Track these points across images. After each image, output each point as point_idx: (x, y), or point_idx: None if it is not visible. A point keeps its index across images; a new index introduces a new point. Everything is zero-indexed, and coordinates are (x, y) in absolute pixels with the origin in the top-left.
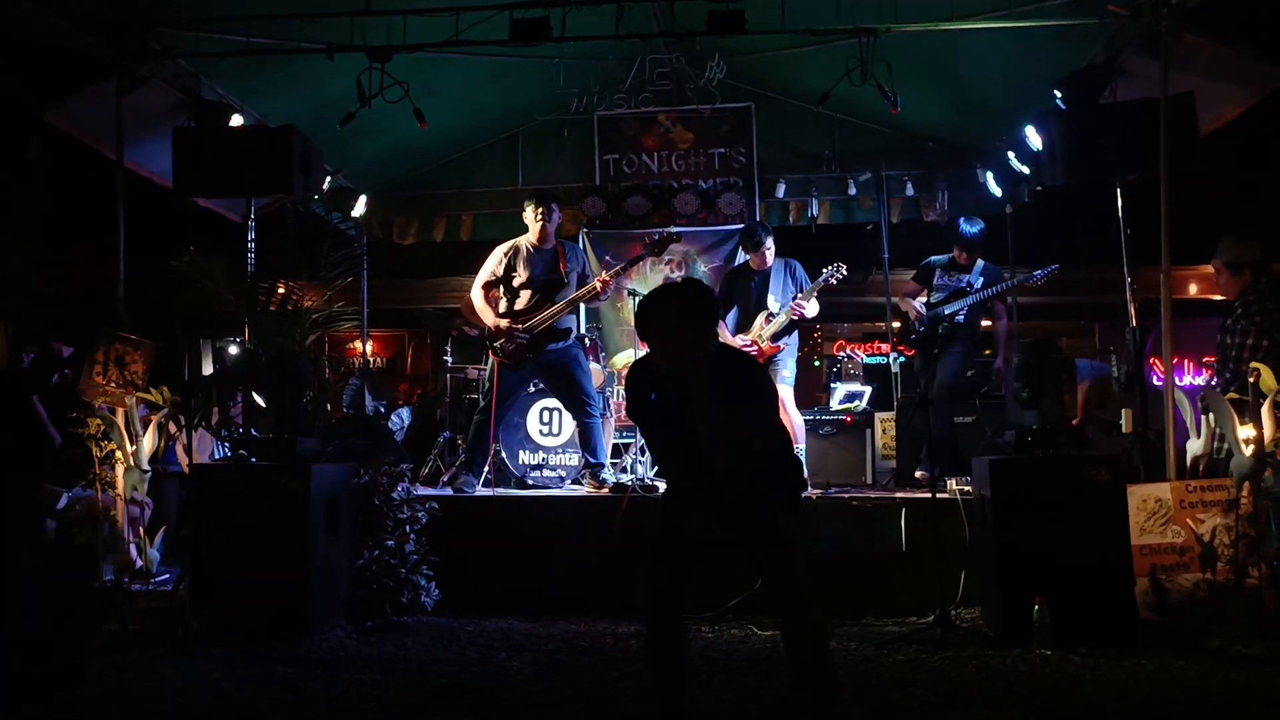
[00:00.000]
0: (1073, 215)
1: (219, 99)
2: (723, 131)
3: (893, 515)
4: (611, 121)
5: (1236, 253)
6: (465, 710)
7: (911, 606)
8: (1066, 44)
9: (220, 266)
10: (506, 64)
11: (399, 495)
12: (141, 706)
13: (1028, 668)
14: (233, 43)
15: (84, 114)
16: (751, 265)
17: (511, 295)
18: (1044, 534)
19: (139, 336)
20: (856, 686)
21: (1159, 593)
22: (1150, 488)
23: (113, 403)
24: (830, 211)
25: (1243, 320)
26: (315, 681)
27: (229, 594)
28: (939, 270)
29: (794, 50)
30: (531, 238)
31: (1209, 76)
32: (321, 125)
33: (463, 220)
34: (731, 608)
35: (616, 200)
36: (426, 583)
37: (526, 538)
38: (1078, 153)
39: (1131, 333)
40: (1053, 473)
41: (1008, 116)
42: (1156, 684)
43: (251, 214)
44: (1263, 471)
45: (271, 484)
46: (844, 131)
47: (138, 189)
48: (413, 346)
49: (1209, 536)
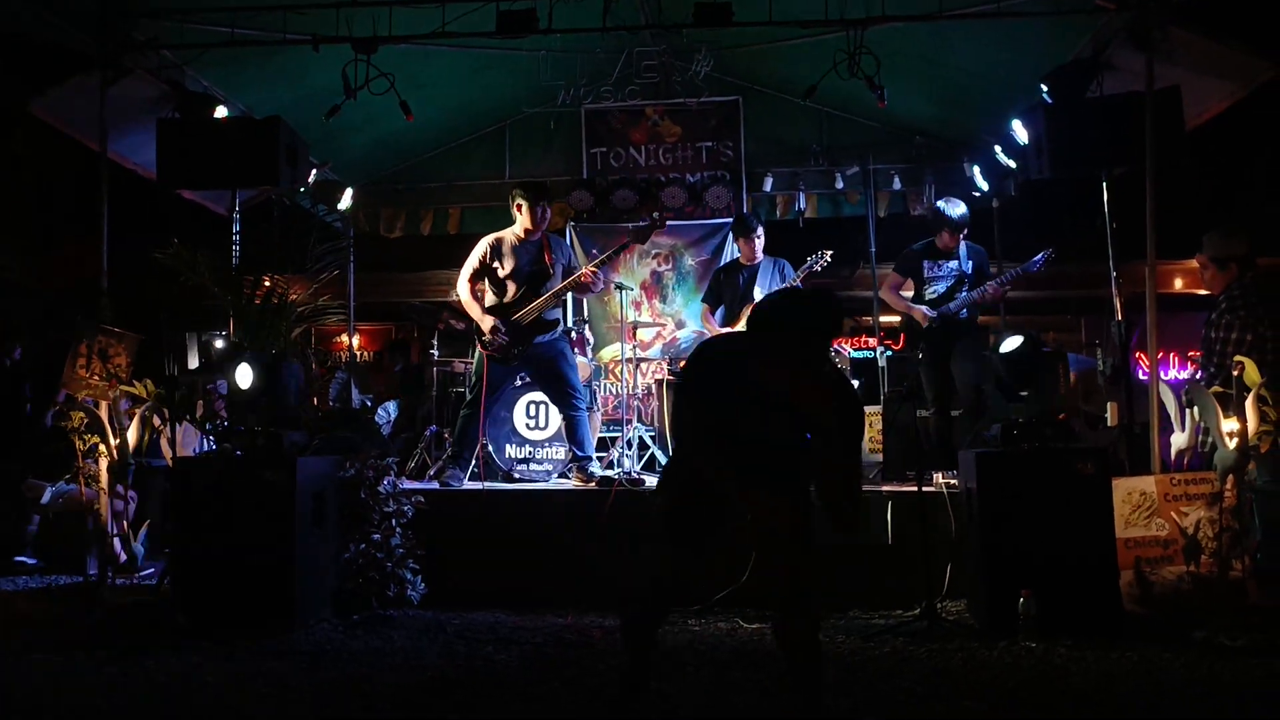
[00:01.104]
0: (1059, 209)
1: (204, 90)
2: (710, 125)
3: (879, 508)
4: (599, 115)
5: (1222, 247)
6: (452, 703)
7: (898, 599)
8: (1053, 38)
9: (205, 259)
10: (493, 56)
11: (385, 489)
12: (126, 700)
13: (1013, 659)
14: (217, 34)
15: (67, 105)
16: (742, 259)
17: (497, 288)
18: (1030, 527)
19: (122, 329)
20: (843, 678)
21: (1144, 585)
22: (1135, 481)
23: (96, 396)
24: (818, 205)
25: (1228, 314)
26: (301, 675)
27: (214, 587)
28: (926, 260)
29: (781, 43)
30: (518, 230)
31: (1195, 71)
32: (307, 117)
33: (450, 213)
34: (718, 601)
35: (604, 194)
36: (413, 576)
37: (513, 531)
38: (1064, 147)
39: (1117, 327)
40: (1039, 466)
41: (994, 111)
42: (1141, 675)
43: (237, 206)
44: (1246, 465)
45: (256, 477)
46: (832, 125)
47: (121, 181)
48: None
49: (1193, 529)
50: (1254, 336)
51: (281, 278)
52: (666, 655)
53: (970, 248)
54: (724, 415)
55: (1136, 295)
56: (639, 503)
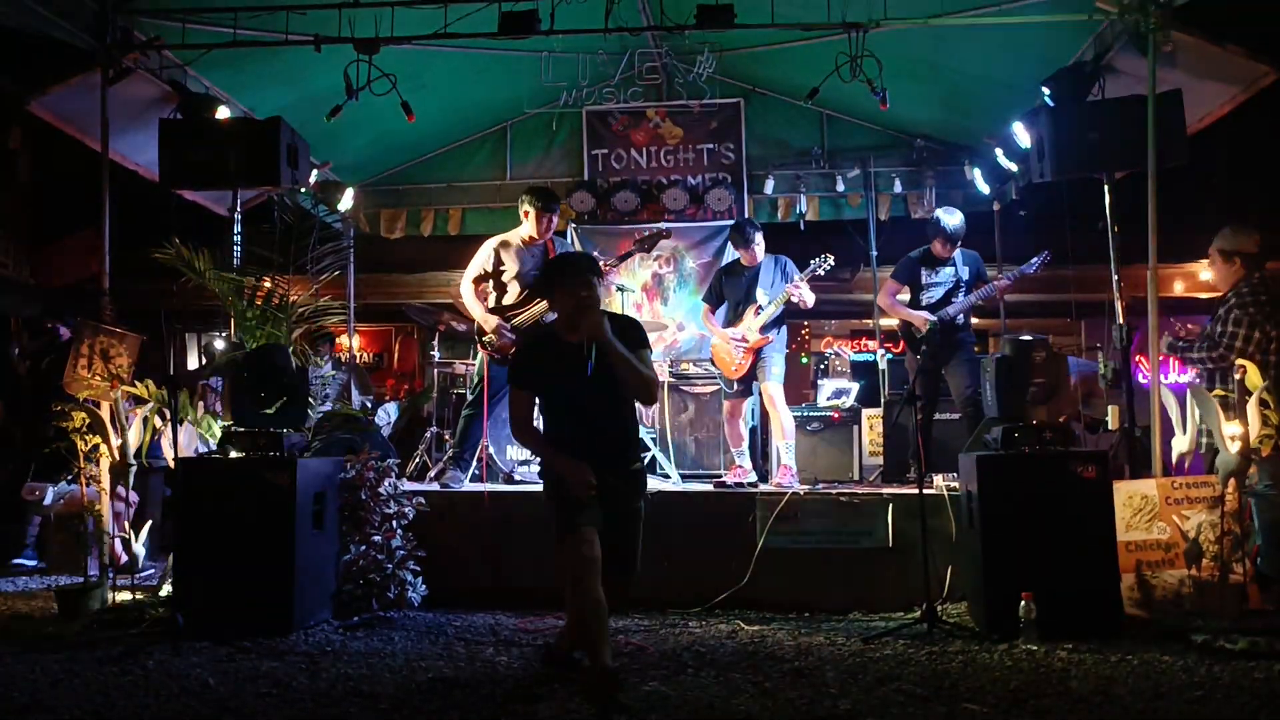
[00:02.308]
0: (1060, 213)
1: (205, 91)
2: (712, 127)
3: (879, 511)
4: (600, 116)
5: (1231, 240)
6: (453, 705)
7: (898, 602)
8: (1054, 41)
9: (206, 260)
10: (495, 57)
11: (386, 490)
12: (126, 701)
13: (1014, 662)
14: (219, 34)
15: (68, 105)
16: (742, 262)
17: (501, 290)
18: (1030, 530)
19: (124, 329)
20: (843, 681)
21: (1144, 588)
22: (1136, 484)
23: (97, 396)
24: (819, 207)
25: (1236, 310)
26: (301, 676)
27: (214, 588)
28: (923, 267)
29: (783, 46)
30: (524, 234)
31: (1196, 74)
32: (309, 118)
33: (451, 214)
34: (719, 603)
35: (605, 195)
36: (413, 578)
37: (514, 533)
38: (1066, 150)
39: (1118, 330)
40: (1039, 469)
41: (996, 114)
42: (1142, 678)
43: (238, 207)
44: (1248, 468)
45: (257, 478)
46: (833, 128)
47: (123, 181)
48: (400, 341)
49: (1194, 533)
50: (1261, 335)
51: (282, 278)
52: (667, 656)
53: (965, 254)
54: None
55: (1138, 299)
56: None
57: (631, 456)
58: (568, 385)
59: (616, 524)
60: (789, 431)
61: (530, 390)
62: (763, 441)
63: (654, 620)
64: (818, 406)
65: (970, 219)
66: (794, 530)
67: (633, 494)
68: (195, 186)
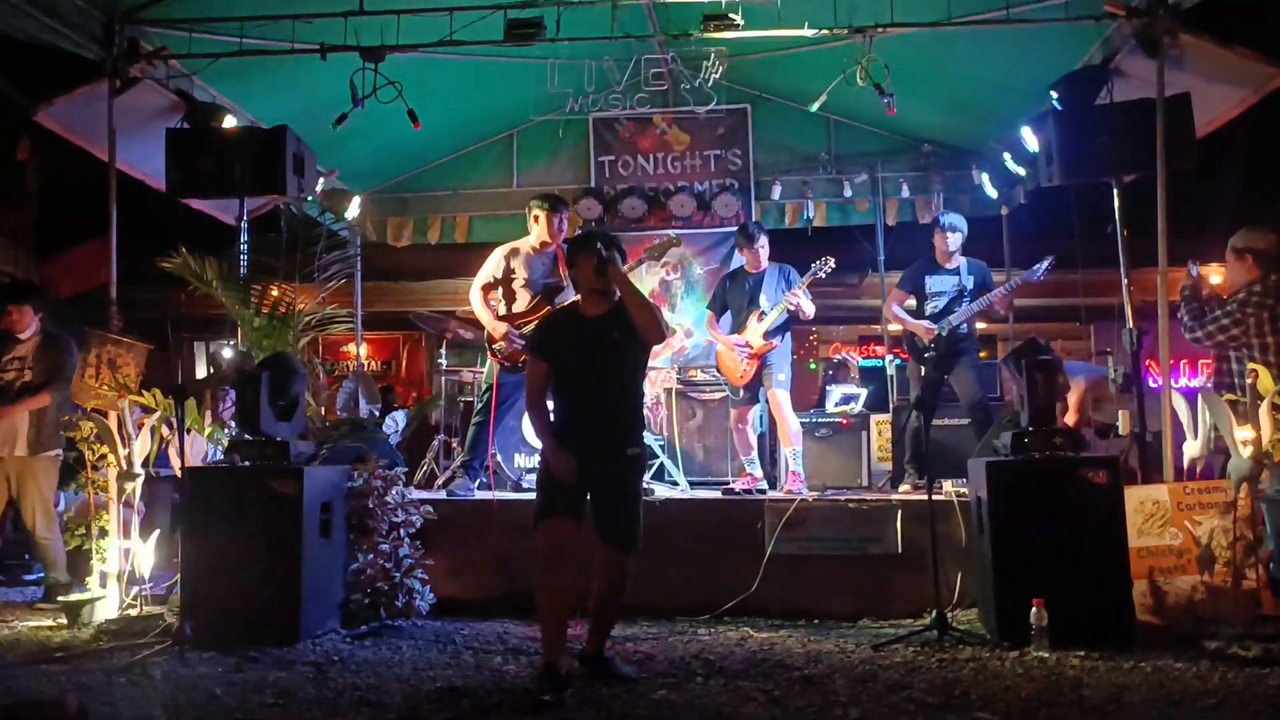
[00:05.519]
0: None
1: (211, 100)
2: (718, 133)
3: (889, 517)
4: (607, 123)
5: (1245, 238)
6: (461, 714)
7: (908, 609)
8: (1062, 45)
9: (213, 268)
10: (501, 64)
11: (394, 499)
12: (133, 710)
13: (1025, 670)
14: (225, 44)
15: (75, 114)
16: (747, 267)
17: (510, 298)
18: (1041, 536)
19: (132, 339)
20: (853, 688)
21: (1156, 594)
22: (1148, 489)
23: (105, 406)
24: (826, 213)
25: (1249, 309)
26: (309, 685)
27: (221, 597)
28: (927, 275)
29: (790, 52)
30: (534, 241)
31: (1205, 77)
32: (315, 126)
33: (457, 222)
34: (728, 610)
35: (612, 202)
36: (421, 586)
37: (522, 541)
38: (1074, 154)
39: (1128, 334)
40: (1050, 475)
41: (1004, 118)
42: (1154, 686)
43: (244, 215)
44: (1260, 473)
45: (264, 487)
46: (840, 133)
47: (130, 190)
48: (407, 349)
49: (1207, 539)
50: (1274, 337)
51: (289, 286)
52: (675, 664)
53: (970, 262)
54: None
55: (1148, 302)
56: (648, 513)
57: (631, 441)
58: (582, 359)
59: (614, 502)
60: (796, 437)
61: (546, 359)
62: (771, 448)
63: (662, 628)
64: (826, 412)
65: (978, 224)
66: (803, 537)
67: (633, 475)
68: (202, 195)
